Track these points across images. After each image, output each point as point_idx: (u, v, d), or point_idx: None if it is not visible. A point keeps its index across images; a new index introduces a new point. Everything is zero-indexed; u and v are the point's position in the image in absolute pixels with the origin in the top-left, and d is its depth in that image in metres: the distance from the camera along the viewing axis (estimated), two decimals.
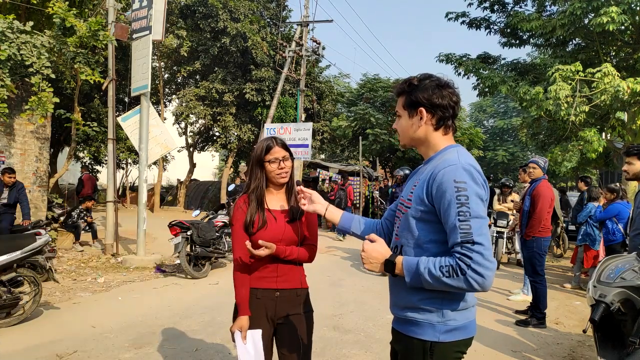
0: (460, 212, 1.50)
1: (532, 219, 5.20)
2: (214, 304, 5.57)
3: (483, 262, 1.46)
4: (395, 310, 1.74)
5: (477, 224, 1.49)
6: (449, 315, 1.60)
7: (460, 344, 1.63)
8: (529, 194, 5.37)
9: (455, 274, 1.48)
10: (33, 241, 4.80)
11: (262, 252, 2.03)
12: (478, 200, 1.52)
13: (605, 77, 9.78)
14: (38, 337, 4.28)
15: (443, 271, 1.49)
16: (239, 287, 2.12)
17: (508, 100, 34.63)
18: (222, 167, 31.31)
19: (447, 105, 1.64)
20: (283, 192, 2.22)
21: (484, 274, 1.46)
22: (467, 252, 1.47)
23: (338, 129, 20.34)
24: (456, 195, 1.51)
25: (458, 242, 1.50)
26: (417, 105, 1.66)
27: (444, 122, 1.67)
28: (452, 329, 1.60)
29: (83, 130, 9.69)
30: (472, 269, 1.46)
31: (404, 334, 1.69)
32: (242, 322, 2.09)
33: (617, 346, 2.99)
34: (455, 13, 14.46)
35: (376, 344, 4.41)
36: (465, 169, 1.55)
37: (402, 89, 1.72)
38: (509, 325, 5.19)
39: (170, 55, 17.74)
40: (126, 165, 20.52)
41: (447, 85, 1.67)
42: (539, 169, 5.36)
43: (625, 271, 3.00)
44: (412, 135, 1.72)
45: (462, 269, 1.47)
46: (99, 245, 9.47)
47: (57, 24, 7.60)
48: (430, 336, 1.60)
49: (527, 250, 5.30)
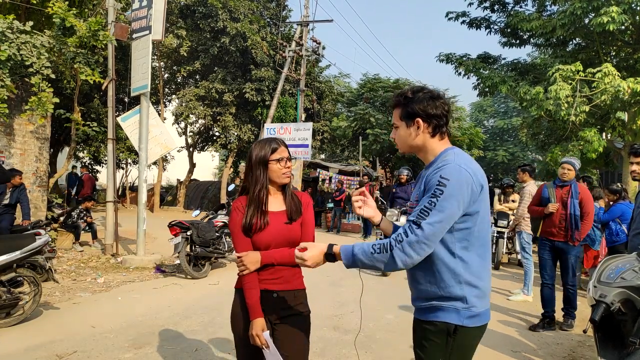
0: (431, 201, 1.65)
1: (585, 224, 4.92)
2: (214, 304, 5.57)
3: (414, 243, 1.62)
4: (419, 302, 1.84)
5: (436, 217, 1.63)
6: (472, 301, 1.73)
7: (481, 329, 1.78)
8: (574, 197, 4.97)
9: (384, 250, 1.65)
10: (33, 241, 4.79)
11: (245, 272, 2.07)
12: (452, 200, 1.64)
13: (605, 77, 9.78)
14: (38, 337, 4.27)
15: (375, 248, 1.68)
16: (249, 289, 2.08)
17: (508, 100, 34.59)
18: (222, 167, 31.31)
19: (441, 115, 1.80)
20: (280, 193, 2.22)
21: (409, 253, 1.62)
22: (407, 230, 1.64)
23: (338, 129, 20.33)
24: (436, 187, 1.66)
25: (410, 220, 1.67)
26: (414, 116, 1.81)
27: (439, 130, 1.82)
28: (475, 315, 1.74)
29: (83, 130, 9.68)
30: (400, 246, 1.63)
31: (428, 319, 1.79)
32: (262, 323, 2.06)
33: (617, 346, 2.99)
34: (455, 13, 14.47)
35: (376, 344, 4.41)
36: (455, 168, 1.69)
37: (398, 102, 1.87)
38: (509, 326, 5.19)
39: (170, 55, 17.74)
40: (126, 165, 20.52)
41: (439, 96, 1.82)
42: (574, 170, 5.05)
43: (626, 271, 3.00)
44: (410, 143, 1.86)
45: (391, 245, 1.64)
46: (99, 246, 9.47)
47: (57, 24, 7.60)
48: (455, 320, 1.73)
49: (573, 256, 4.99)
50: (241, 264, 2.09)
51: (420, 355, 1.83)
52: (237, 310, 2.18)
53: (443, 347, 1.75)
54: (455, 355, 1.76)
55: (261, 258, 2.08)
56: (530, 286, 6.34)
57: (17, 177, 7.28)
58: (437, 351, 1.76)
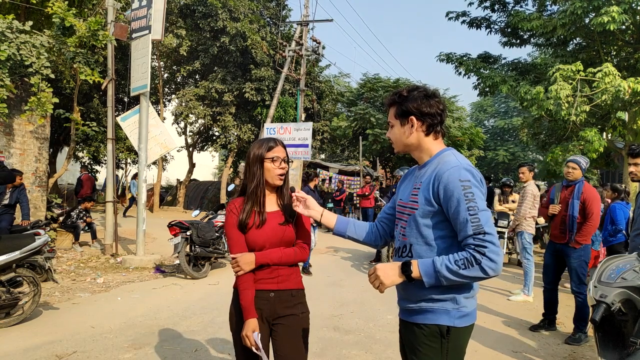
0: (470, 207, 1.65)
1: (588, 226, 4.64)
2: (214, 304, 5.56)
3: (494, 249, 1.62)
4: (406, 303, 1.84)
5: (485, 217, 1.65)
6: (462, 302, 1.75)
7: (469, 329, 1.80)
8: (576, 198, 4.73)
9: (470, 265, 1.62)
10: (32, 241, 4.79)
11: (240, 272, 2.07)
12: (481, 195, 1.70)
13: (606, 76, 9.77)
14: (37, 338, 4.27)
15: (459, 264, 1.63)
16: (244, 290, 2.09)
17: (509, 100, 34.62)
18: (221, 167, 31.32)
19: (435, 113, 1.81)
20: (275, 195, 2.22)
21: (496, 260, 1.62)
22: (481, 242, 1.62)
23: (338, 129, 20.32)
24: (464, 192, 1.66)
25: (470, 235, 1.64)
26: (408, 114, 1.83)
27: (433, 129, 1.83)
28: (465, 315, 1.76)
29: (82, 130, 9.68)
30: (487, 257, 1.61)
31: (417, 322, 1.78)
32: (254, 324, 2.05)
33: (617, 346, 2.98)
34: (455, 12, 14.47)
35: (377, 344, 4.39)
36: (466, 169, 1.71)
37: (393, 100, 1.89)
38: (509, 326, 5.18)
39: (169, 55, 17.73)
40: (126, 165, 20.52)
41: (433, 95, 1.83)
42: (579, 169, 4.77)
43: (626, 271, 2.99)
44: (405, 141, 1.87)
45: (477, 259, 1.61)
46: (99, 246, 9.46)
47: (56, 23, 7.59)
48: (446, 321, 1.73)
49: (575, 260, 4.71)
50: (236, 265, 2.08)
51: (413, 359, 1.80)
52: (234, 310, 2.19)
53: (439, 350, 1.74)
54: (451, 356, 1.75)
55: (256, 259, 2.08)
56: (530, 286, 6.32)
57: (17, 178, 7.28)
58: (434, 355, 1.75)
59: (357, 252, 10.19)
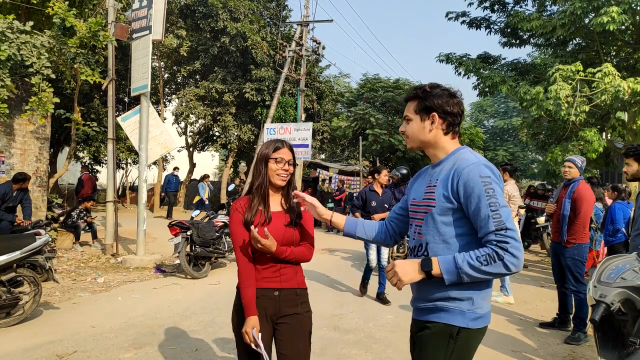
0: (491, 203, 1.65)
1: (576, 225, 4.72)
2: (214, 304, 5.57)
3: (516, 244, 1.61)
4: (421, 303, 1.82)
5: (506, 213, 1.65)
6: (478, 303, 1.72)
7: (482, 331, 1.76)
8: (568, 197, 4.80)
9: (493, 261, 1.60)
10: (33, 241, 4.80)
11: (267, 242, 2.03)
12: (500, 192, 1.69)
13: (605, 77, 9.77)
14: (38, 337, 4.28)
15: (481, 260, 1.61)
16: (245, 288, 2.10)
17: (508, 100, 34.61)
18: (222, 167, 31.31)
19: (457, 113, 1.81)
20: (280, 195, 2.24)
21: (518, 255, 1.60)
22: (503, 238, 1.61)
23: (338, 129, 20.32)
24: (485, 189, 1.66)
25: (492, 231, 1.63)
26: (431, 111, 1.80)
27: (452, 128, 1.83)
28: (479, 316, 1.72)
29: (83, 130, 9.69)
30: (509, 252, 1.59)
31: (431, 321, 1.76)
32: (254, 321, 2.07)
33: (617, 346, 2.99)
34: (455, 13, 14.47)
35: (377, 344, 4.40)
36: (486, 165, 1.72)
37: (415, 94, 1.85)
38: (509, 326, 5.19)
39: (170, 55, 17.74)
40: (126, 165, 20.52)
41: (455, 95, 1.83)
42: (576, 168, 4.84)
43: (626, 271, 2.99)
44: (422, 138, 1.85)
45: (499, 255, 1.60)
46: (99, 245, 9.47)
47: (57, 24, 7.60)
48: (460, 322, 1.71)
49: (568, 258, 4.78)
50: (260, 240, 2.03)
51: (419, 357, 1.81)
52: (236, 308, 2.21)
53: (444, 350, 1.72)
54: (455, 357, 1.73)
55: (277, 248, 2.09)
56: (507, 287, 6.22)
57: (27, 182, 7.31)
58: (438, 353, 1.73)
59: (357, 252, 10.19)
